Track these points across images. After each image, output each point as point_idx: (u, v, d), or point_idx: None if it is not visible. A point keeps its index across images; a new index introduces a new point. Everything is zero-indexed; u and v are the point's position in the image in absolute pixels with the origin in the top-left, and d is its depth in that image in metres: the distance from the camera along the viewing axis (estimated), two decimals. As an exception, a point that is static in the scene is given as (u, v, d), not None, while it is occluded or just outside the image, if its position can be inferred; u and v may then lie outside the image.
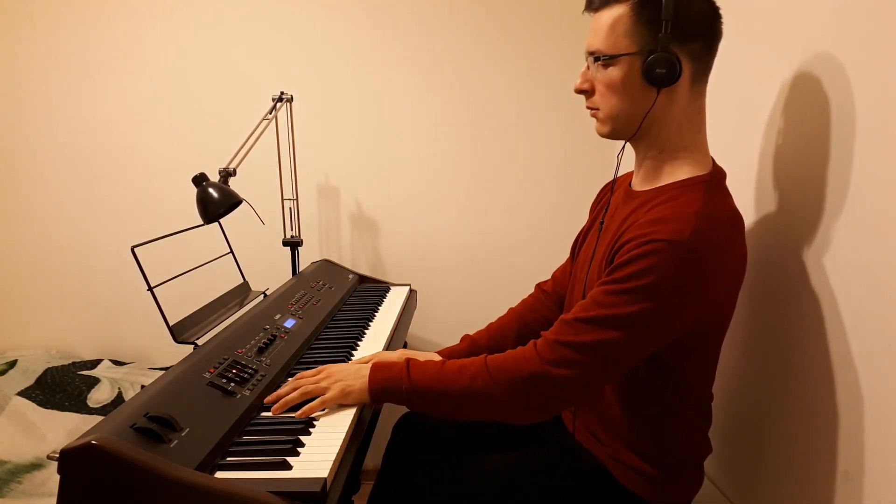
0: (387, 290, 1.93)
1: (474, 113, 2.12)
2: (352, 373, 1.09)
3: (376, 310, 1.72)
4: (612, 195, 1.21)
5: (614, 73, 1.00)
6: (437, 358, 1.30)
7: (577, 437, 1.20)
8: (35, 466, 1.63)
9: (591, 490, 1.12)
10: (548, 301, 1.40)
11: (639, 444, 1.09)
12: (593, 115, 1.08)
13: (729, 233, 0.99)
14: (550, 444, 1.25)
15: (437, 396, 1.03)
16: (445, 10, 2.07)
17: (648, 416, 1.08)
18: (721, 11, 1.01)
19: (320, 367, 1.15)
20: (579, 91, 1.07)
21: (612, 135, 1.07)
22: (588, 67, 1.05)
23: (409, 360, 1.07)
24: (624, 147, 1.11)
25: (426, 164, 2.16)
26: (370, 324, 1.60)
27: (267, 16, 2.07)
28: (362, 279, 2.04)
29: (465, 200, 2.18)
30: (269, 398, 1.11)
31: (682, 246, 0.91)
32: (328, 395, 1.07)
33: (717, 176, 1.05)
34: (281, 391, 1.11)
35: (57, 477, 0.77)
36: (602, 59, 1.00)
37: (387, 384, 1.05)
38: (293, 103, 1.91)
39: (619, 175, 1.21)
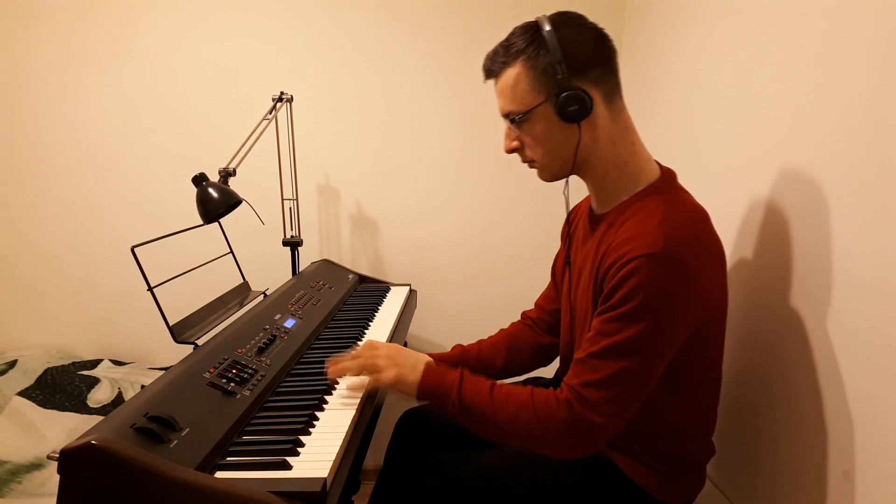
0: (387, 290, 1.93)
1: (475, 113, 2.12)
2: (410, 363, 1.11)
3: (376, 310, 1.72)
4: (570, 228, 1.25)
5: (533, 126, 1.06)
6: (428, 359, 1.31)
7: None
8: (35, 466, 1.63)
9: (597, 482, 1.13)
10: (535, 328, 1.41)
11: (643, 442, 1.10)
12: (531, 167, 1.14)
13: (696, 228, 1.01)
14: None
15: (480, 416, 1.04)
16: (446, 10, 2.07)
17: (654, 418, 1.09)
18: (604, 30, 1.05)
19: (380, 345, 1.17)
20: (510, 151, 1.12)
21: (554, 178, 1.12)
22: (509, 127, 1.11)
23: (463, 371, 1.08)
24: (568, 183, 1.15)
25: (426, 164, 2.16)
26: (370, 324, 1.60)
27: (267, 16, 2.07)
28: (362, 279, 2.04)
29: (465, 200, 2.18)
30: (329, 362, 1.17)
31: (659, 256, 0.93)
32: (383, 375, 1.09)
33: (667, 178, 1.09)
34: (340, 358, 1.17)
35: (57, 477, 0.78)
36: (517, 118, 1.06)
37: (437, 388, 1.07)
38: (293, 103, 1.91)
39: (572, 205, 1.25)
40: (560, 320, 1.32)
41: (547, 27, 1.01)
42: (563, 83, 1.00)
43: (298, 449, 0.95)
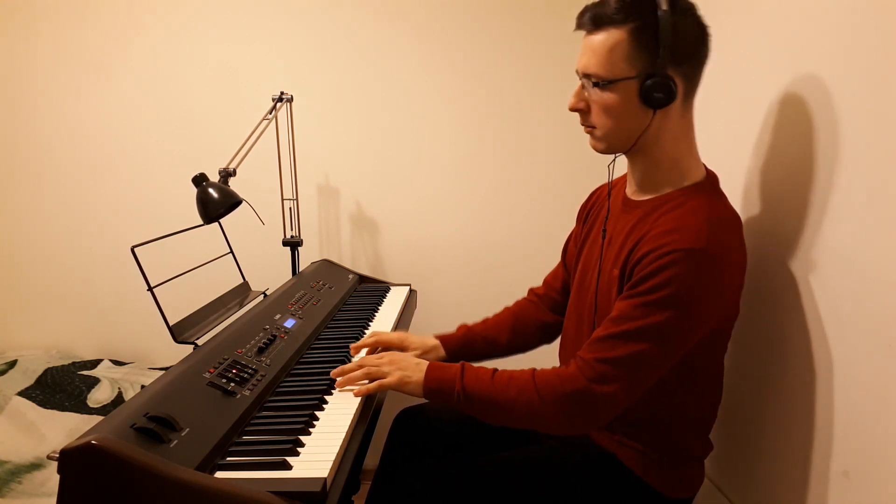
0: (387, 290, 1.93)
1: (474, 113, 2.12)
2: (412, 365, 1.14)
3: (376, 310, 1.72)
4: (609, 202, 1.23)
5: (611, 96, 1.02)
6: (435, 342, 1.36)
7: None
8: (35, 466, 1.63)
9: (599, 474, 1.14)
10: (541, 304, 1.43)
11: (644, 434, 1.12)
12: (588, 132, 1.10)
13: (735, 234, 1.04)
14: (550, 434, 1.27)
15: (485, 403, 1.06)
16: (447, 11, 2.07)
17: (661, 407, 1.11)
18: (709, 29, 1.03)
19: (383, 353, 1.22)
20: (575, 110, 1.09)
21: (608, 151, 1.10)
22: (582, 86, 1.07)
23: (463, 365, 1.11)
24: (615, 158, 1.13)
25: (426, 164, 2.16)
26: (370, 324, 1.60)
27: (267, 16, 2.07)
28: (362, 279, 2.04)
29: (465, 200, 2.18)
30: (334, 372, 1.18)
31: (699, 253, 0.95)
32: (388, 379, 1.12)
33: (713, 180, 1.11)
34: (346, 367, 1.18)
35: (57, 477, 0.77)
36: (600, 83, 1.02)
37: (440, 384, 1.09)
38: (293, 103, 1.91)
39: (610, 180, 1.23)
40: (566, 299, 1.33)
41: (664, 6, 0.97)
42: (659, 66, 0.98)
43: (298, 449, 0.95)
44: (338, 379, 1.17)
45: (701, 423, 1.16)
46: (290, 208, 1.95)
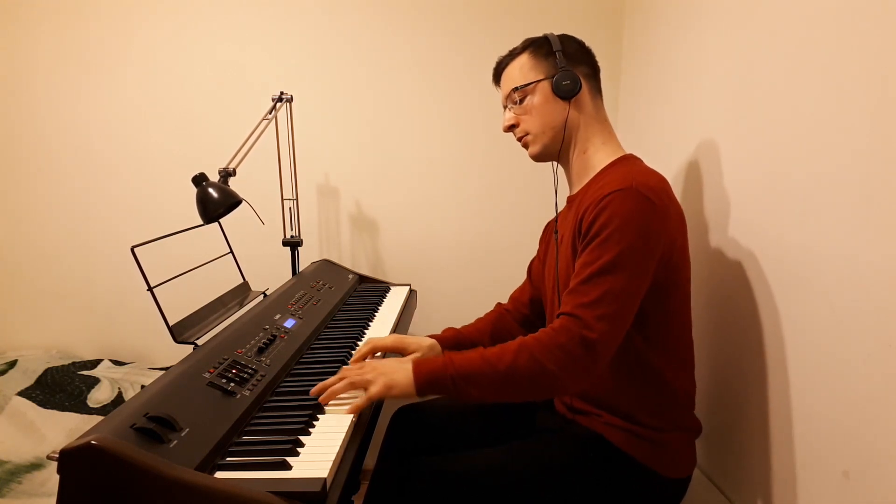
0: (387, 290, 1.93)
1: (474, 114, 2.13)
2: (395, 367, 1.12)
3: (376, 310, 1.72)
4: (557, 221, 1.34)
5: (532, 99, 1.23)
6: (431, 340, 1.36)
7: (570, 418, 1.27)
8: (35, 466, 1.63)
9: (594, 462, 1.16)
10: (510, 318, 1.48)
11: (630, 409, 1.16)
12: (525, 142, 1.27)
13: (660, 183, 1.14)
14: (544, 429, 1.30)
15: (482, 379, 1.06)
16: (446, 11, 2.07)
17: (634, 380, 1.16)
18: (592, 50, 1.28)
19: (363, 363, 1.19)
20: (508, 127, 1.27)
21: (543, 152, 1.26)
22: (509, 110, 1.27)
23: (448, 353, 1.12)
24: (557, 169, 1.30)
25: (426, 165, 2.16)
26: (370, 324, 1.60)
27: (267, 16, 2.07)
28: (362, 279, 2.04)
29: (464, 200, 2.18)
30: (315, 389, 1.12)
31: (630, 190, 1.07)
32: (373, 389, 1.09)
33: (634, 157, 1.23)
34: (327, 382, 1.13)
35: (57, 477, 0.77)
36: (520, 88, 1.23)
37: (431, 375, 1.08)
38: (293, 103, 1.91)
39: (560, 193, 1.32)
40: (534, 313, 1.42)
41: (549, 34, 1.25)
42: (560, 65, 1.21)
43: (298, 449, 0.95)
44: (322, 395, 1.10)
45: (682, 389, 1.20)
46: (290, 208, 1.96)
